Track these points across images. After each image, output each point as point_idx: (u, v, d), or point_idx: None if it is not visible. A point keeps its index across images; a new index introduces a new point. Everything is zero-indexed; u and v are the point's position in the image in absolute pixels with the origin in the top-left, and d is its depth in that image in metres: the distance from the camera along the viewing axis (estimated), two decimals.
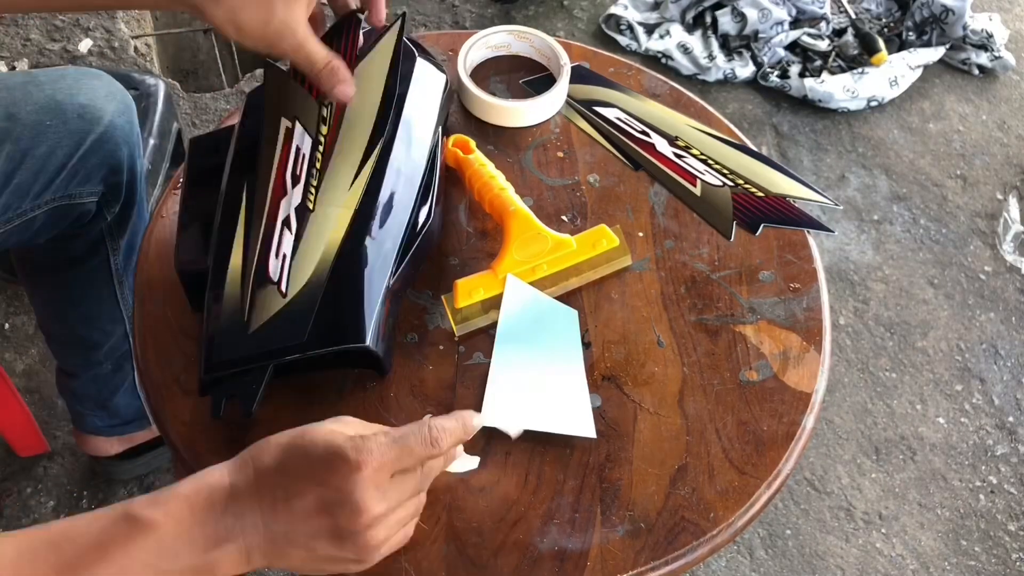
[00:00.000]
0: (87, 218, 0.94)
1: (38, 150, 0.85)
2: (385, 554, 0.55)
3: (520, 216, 0.73)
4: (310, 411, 0.66)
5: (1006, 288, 1.66)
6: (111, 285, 1.03)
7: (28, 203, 0.87)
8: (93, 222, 0.96)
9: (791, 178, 0.85)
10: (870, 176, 1.81)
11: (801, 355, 0.72)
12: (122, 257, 1.02)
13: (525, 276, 0.73)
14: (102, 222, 0.96)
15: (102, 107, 0.89)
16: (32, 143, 0.85)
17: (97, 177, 0.91)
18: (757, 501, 0.65)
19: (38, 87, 0.87)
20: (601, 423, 0.67)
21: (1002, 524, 1.37)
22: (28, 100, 0.86)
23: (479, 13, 2.00)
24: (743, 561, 1.29)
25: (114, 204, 0.96)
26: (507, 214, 0.74)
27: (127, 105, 0.93)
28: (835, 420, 1.45)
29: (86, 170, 0.89)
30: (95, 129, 0.88)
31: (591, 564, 0.60)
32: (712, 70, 1.91)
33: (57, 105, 0.87)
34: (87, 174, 0.90)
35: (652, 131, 0.87)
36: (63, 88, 0.88)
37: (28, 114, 0.85)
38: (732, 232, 0.80)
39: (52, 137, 0.86)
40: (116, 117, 0.90)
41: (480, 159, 0.79)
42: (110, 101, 0.90)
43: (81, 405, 1.15)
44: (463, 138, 0.81)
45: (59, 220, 0.92)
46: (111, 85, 0.93)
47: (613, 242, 0.75)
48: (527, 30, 0.91)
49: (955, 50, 2.02)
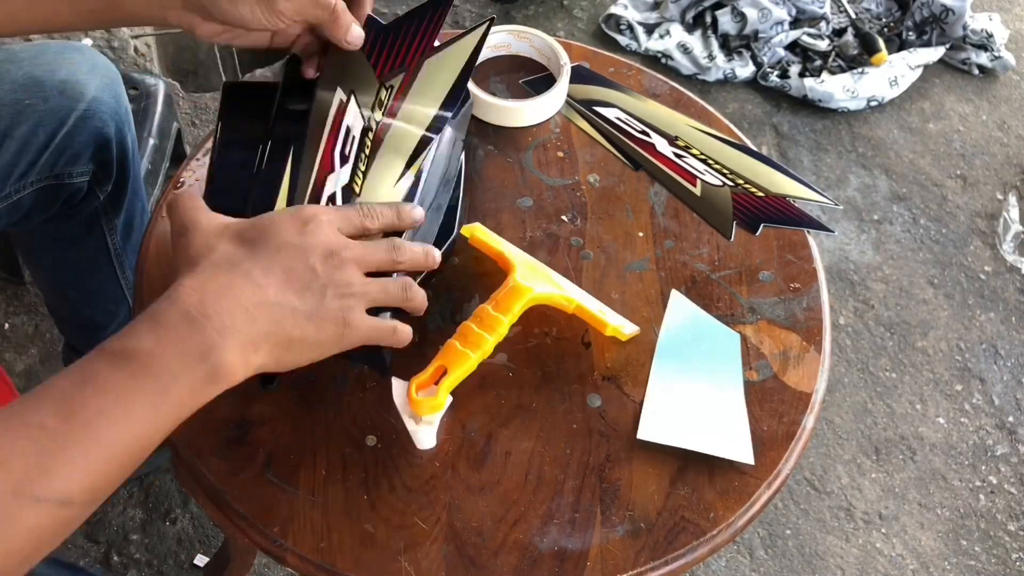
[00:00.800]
0: (79, 197, 0.91)
1: (18, 130, 0.82)
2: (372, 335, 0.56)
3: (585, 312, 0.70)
4: (310, 412, 0.66)
5: (1006, 288, 1.66)
6: (111, 264, 1.00)
7: (12, 184, 0.84)
8: (86, 201, 0.93)
9: (791, 178, 0.85)
10: (870, 176, 1.81)
11: (801, 355, 0.72)
12: (119, 236, 0.99)
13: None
14: (95, 201, 0.93)
15: (84, 82, 0.86)
16: (11, 122, 0.82)
17: (86, 155, 0.88)
18: (757, 501, 0.65)
19: (16, 64, 0.84)
20: (601, 423, 0.67)
21: (1002, 524, 1.37)
22: (5, 78, 0.83)
23: (479, 13, 2.00)
24: (743, 561, 1.29)
25: (106, 182, 0.93)
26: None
27: (112, 78, 0.90)
28: (835, 420, 1.45)
29: (73, 149, 0.86)
30: (78, 106, 0.85)
31: (591, 564, 0.60)
32: (712, 70, 1.91)
33: (36, 82, 0.83)
34: (74, 153, 0.87)
35: (652, 131, 0.87)
36: (42, 64, 0.84)
37: (5, 92, 0.82)
38: (732, 232, 0.80)
39: (32, 116, 0.83)
40: (100, 92, 0.87)
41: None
42: (93, 75, 0.87)
43: None
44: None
45: (50, 201, 0.89)
46: (94, 58, 0.89)
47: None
48: (527, 30, 0.91)
49: (955, 50, 2.02)
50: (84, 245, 0.98)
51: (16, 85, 0.83)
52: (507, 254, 0.71)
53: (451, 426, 0.66)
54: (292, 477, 0.63)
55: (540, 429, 0.67)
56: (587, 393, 0.69)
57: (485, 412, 0.67)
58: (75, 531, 1.21)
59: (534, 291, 0.68)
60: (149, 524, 1.22)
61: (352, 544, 0.60)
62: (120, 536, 1.20)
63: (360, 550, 0.60)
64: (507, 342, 0.71)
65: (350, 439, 0.65)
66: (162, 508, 1.23)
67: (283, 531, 0.61)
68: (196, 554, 1.20)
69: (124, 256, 1.01)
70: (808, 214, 0.82)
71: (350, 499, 0.62)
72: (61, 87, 0.84)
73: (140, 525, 1.21)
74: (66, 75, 0.85)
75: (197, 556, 1.20)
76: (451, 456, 0.65)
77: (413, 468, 0.64)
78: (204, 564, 1.18)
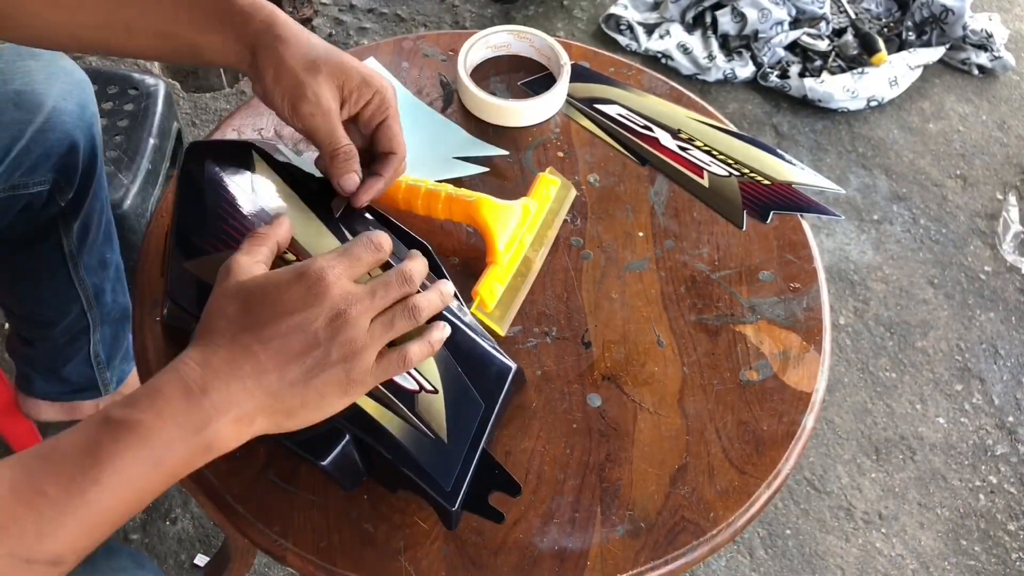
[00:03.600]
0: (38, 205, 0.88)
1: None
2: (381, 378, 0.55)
3: (485, 202, 0.74)
4: None
5: (1006, 288, 1.66)
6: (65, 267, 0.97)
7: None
8: (44, 209, 0.89)
9: (792, 164, 0.85)
10: (870, 176, 1.81)
11: (801, 355, 0.72)
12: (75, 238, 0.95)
13: (519, 251, 0.75)
14: (55, 208, 0.90)
15: (42, 92, 0.81)
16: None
17: (45, 166, 0.84)
18: (757, 501, 0.65)
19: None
20: (601, 423, 0.67)
21: (1002, 524, 1.37)
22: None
23: (479, 13, 2.00)
24: (743, 561, 1.29)
25: (68, 190, 0.89)
26: (471, 206, 0.74)
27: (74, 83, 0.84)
28: (835, 420, 1.45)
29: (30, 161, 0.82)
30: (35, 118, 0.80)
31: (591, 564, 0.60)
32: (712, 70, 1.91)
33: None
34: (32, 165, 0.82)
35: (655, 125, 0.87)
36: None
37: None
38: (744, 221, 0.80)
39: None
40: (61, 101, 0.82)
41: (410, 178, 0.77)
42: (51, 83, 0.82)
43: (31, 368, 1.11)
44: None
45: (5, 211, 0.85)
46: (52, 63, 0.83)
47: (555, 183, 0.79)
48: (527, 30, 0.91)
49: (955, 50, 2.02)
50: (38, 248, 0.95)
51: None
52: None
53: None
54: (292, 477, 0.63)
55: (540, 429, 0.67)
56: (587, 393, 0.69)
57: None
58: None
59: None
60: (149, 524, 1.22)
61: (352, 544, 0.60)
62: (120, 536, 1.20)
63: (360, 550, 0.60)
64: (507, 342, 0.71)
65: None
66: (162, 508, 1.23)
67: (283, 531, 0.61)
68: (196, 554, 1.20)
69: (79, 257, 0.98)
70: (815, 200, 0.82)
71: (350, 499, 0.62)
72: (15, 98, 0.80)
73: (140, 525, 1.21)
74: (21, 85, 0.80)
75: (197, 556, 1.20)
76: None
77: None
78: (204, 564, 1.18)
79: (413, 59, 0.92)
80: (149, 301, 0.72)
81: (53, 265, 0.98)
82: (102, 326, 1.08)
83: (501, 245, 0.73)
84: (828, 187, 0.84)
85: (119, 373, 1.16)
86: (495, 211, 0.74)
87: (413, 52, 0.93)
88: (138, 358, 0.70)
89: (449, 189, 0.75)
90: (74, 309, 1.04)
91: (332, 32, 1.91)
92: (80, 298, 1.03)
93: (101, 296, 1.05)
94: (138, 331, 0.70)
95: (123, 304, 1.10)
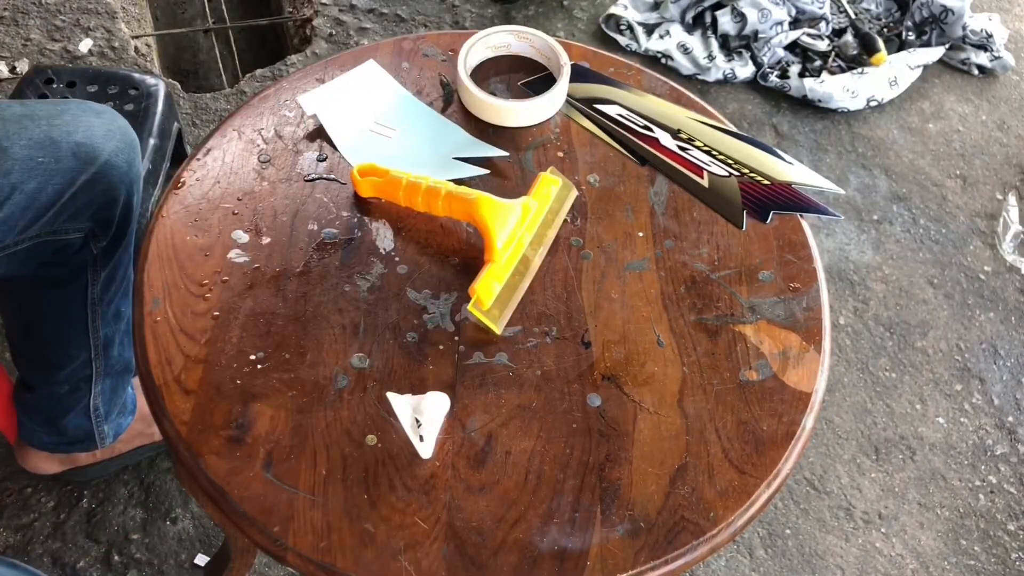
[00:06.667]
0: (72, 251, 0.93)
1: (28, 185, 0.83)
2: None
3: (484, 200, 0.74)
4: (310, 412, 0.66)
5: (1006, 288, 1.66)
6: (84, 312, 1.01)
7: (12, 237, 0.85)
8: (78, 254, 0.94)
9: (792, 164, 0.85)
10: (870, 176, 1.81)
11: (801, 355, 0.72)
12: (100, 287, 1.00)
13: (518, 249, 0.75)
14: (87, 254, 0.95)
15: (99, 146, 0.87)
16: (22, 178, 0.83)
17: (86, 214, 0.89)
18: (757, 501, 0.65)
19: (34, 121, 0.85)
20: (601, 423, 0.67)
21: (1002, 524, 1.38)
22: (23, 134, 0.84)
23: (479, 13, 2.00)
24: (743, 561, 1.29)
25: (102, 239, 0.94)
26: (471, 204, 0.74)
27: (127, 143, 0.91)
28: (835, 420, 1.45)
29: (75, 207, 0.88)
30: (88, 169, 0.86)
31: (591, 563, 0.60)
32: (712, 70, 1.91)
33: (52, 142, 0.84)
34: (75, 211, 0.88)
35: (655, 125, 0.87)
36: (60, 124, 0.86)
37: (21, 148, 0.83)
38: (744, 221, 0.80)
39: (43, 174, 0.84)
40: (114, 156, 0.88)
41: (410, 175, 0.78)
42: (109, 139, 0.88)
43: (30, 419, 1.14)
44: (369, 165, 0.80)
45: (40, 252, 0.90)
46: (112, 122, 0.90)
47: (556, 183, 0.79)
48: (527, 30, 0.91)
49: (955, 50, 2.02)
50: (64, 290, 0.99)
51: (32, 142, 0.84)
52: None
53: (451, 426, 0.66)
54: (292, 477, 0.63)
55: (540, 429, 0.67)
56: (587, 393, 0.69)
57: (485, 412, 0.67)
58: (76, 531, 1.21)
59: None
60: (150, 524, 1.22)
61: (352, 544, 0.60)
62: (121, 536, 1.20)
63: (360, 550, 0.60)
64: (507, 342, 0.71)
65: (350, 439, 0.65)
66: (162, 508, 1.23)
67: (283, 530, 0.61)
68: (197, 554, 1.20)
69: (99, 306, 1.02)
70: (814, 200, 0.82)
71: (350, 499, 0.62)
72: (76, 149, 0.86)
73: (140, 525, 1.21)
74: (82, 137, 0.86)
75: (198, 556, 1.20)
76: (451, 456, 0.65)
77: (413, 468, 0.64)
78: (204, 564, 1.18)
79: (413, 59, 0.92)
80: (149, 301, 0.72)
81: (75, 309, 1.01)
82: (104, 378, 1.10)
83: (499, 243, 0.73)
84: (828, 187, 0.84)
85: (116, 427, 1.18)
86: (494, 209, 0.74)
87: (413, 52, 0.93)
88: (138, 358, 0.70)
89: (449, 186, 0.76)
90: (81, 356, 1.06)
91: (332, 32, 1.91)
92: (90, 346, 1.06)
93: (110, 348, 1.07)
94: (137, 332, 0.71)
95: (127, 359, 1.12)
